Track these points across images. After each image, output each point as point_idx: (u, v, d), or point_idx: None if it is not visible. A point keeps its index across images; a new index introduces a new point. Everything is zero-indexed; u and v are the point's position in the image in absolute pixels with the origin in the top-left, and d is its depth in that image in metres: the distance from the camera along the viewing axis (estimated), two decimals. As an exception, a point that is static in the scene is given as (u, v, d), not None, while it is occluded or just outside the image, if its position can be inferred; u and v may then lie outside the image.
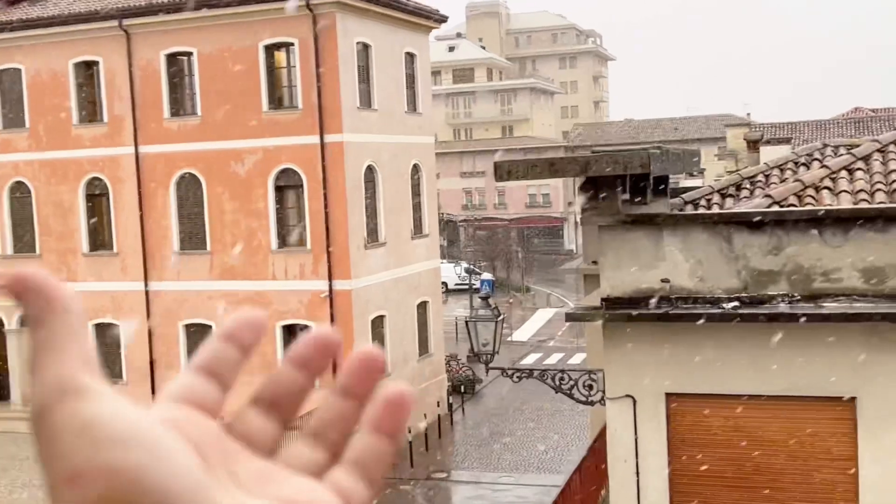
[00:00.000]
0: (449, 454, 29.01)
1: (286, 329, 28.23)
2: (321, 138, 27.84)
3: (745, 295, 9.04)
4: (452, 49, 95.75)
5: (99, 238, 31.22)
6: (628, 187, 9.33)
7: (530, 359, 39.25)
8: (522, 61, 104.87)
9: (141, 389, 28.29)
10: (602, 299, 9.43)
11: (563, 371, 11.75)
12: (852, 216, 9.01)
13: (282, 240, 28.95)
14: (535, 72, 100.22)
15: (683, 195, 13.14)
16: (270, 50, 28.80)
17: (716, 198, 13.31)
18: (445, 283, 43.32)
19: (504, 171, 9.34)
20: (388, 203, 29.97)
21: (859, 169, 12.04)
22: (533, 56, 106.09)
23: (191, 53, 29.49)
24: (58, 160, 31.06)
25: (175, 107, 30.00)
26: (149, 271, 30.14)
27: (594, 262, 10.21)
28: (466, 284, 46.61)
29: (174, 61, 29.86)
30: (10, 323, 30.90)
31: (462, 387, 34.15)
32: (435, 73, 66.55)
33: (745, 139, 31.91)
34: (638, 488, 9.59)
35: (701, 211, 11.83)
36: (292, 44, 28.36)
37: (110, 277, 30.62)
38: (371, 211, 29.26)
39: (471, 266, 52.03)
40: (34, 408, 0.45)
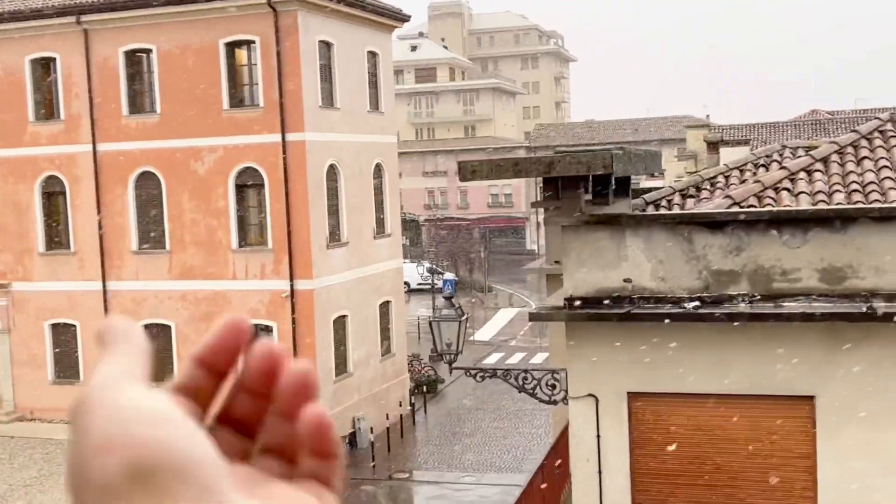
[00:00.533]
0: (411, 454, 28.97)
1: (247, 329, 27.90)
2: (283, 137, 27.64)
3: (706, 295, 9.12)
4: (415, 48, 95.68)
5: (56, 237, 30.72)
6: (591, 188, 9.37)
7: (493, 358, 39.34)
8: (485, 61, 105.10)
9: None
10: (565, 299, 9.46)
11: (526, 370, 11.76)
12: (811, 217, 9.12)
13: (242, 239, 28.71)
14: (498, 72, 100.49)
15: (645, 196, 13.23)
16: (231, 47, 28.54)
17: (676, 198, 13.42)
18: (408, 283, 43.23)
19: (468, 171, 9.33)
20: (351, 202, 29.85)
21: (818, 170, 12.21)
22: (495, 56, 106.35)
23: (150, 50, 29.13)
24: (14, 158, 30.52)
25: (134, 104, 29.62)
26: (107, 271, 29.71)
27: (557, 262, 10.24)
28: (429, 284, 46.61)
29: (133, 58, 29.48)
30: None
31: (424, 387, 34.12)
32: (397, 73, 66.49)
33: (705, 140, 32.27)
34: (600, 487, 9.63)
35: (662, 211, 11.91)
36: (253, 41, 28.13)
37: (67, 277, 30.15)
38: (333, 210, 29.11)
39: (433, 266, 52.02)
40: (77, 401, 0.49)
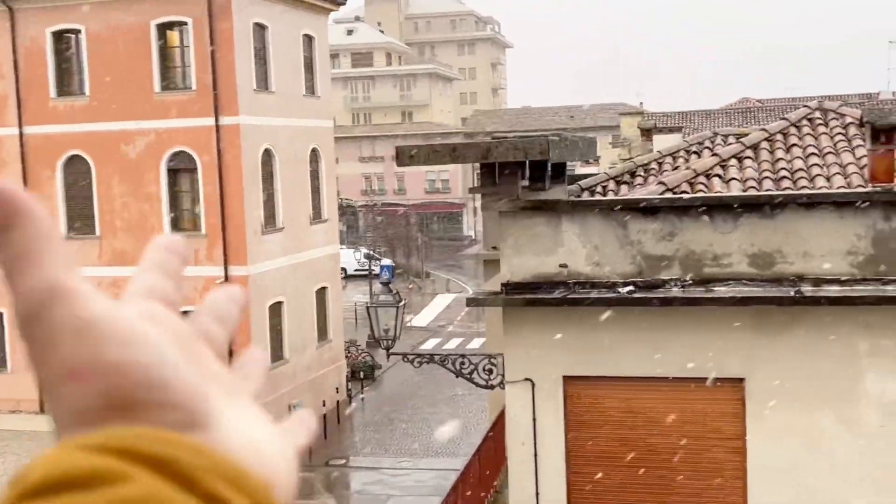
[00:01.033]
0: (348, 440, 28.92)
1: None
2: (216, 120, 27.20)
3: (640, 279, 9.26)
4: (351, 32, 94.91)
5: (-21, 222, 29.78)
6: (527, 174, 9.42)
7: (430, 344, 39.43)
8: (421, 47, 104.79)
9: (27, 378, 27.19)
10: (502, 284, 9.50)
11: (464, 356, 11.81)
12: (741, 203, 9.31)
13: (175, 224, 28.20)
14: (435, 57, 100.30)
15: (580, 182, 13.35)
16: (163, 29, 27.95)
17: (611, 185, 13.58)
18: (345, 269, 43.03)
19: (406, 157, 9.30)
20: (286, 187, 29.54)
21: (748, 157, 12.46)
22: (432, 42, 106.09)
23: (79, 31, 28.36)
24: (-66, 140, 29.51)
25: (62, 86, 28.83)
26: (34, 257, 28.90)
27: (494, 248, 10.28)
28: (366, 270, 46.42)
29: (61, 39, 28.67)
30: None
31: (362, 373, 34.05)
32: (333, 57, 65.78)
33: (639, 128, 32.67)
34: (536, 469, 9.73)
35: (598, 197, 12.04)
36: (186, 23, 27.58)
37: (-8, 263, 29.26)
38: (268, 195, 28.78)
39: (370, 252, 51.83)
40: (23, 312, 0.45)
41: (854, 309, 8.78)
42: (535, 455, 9.71)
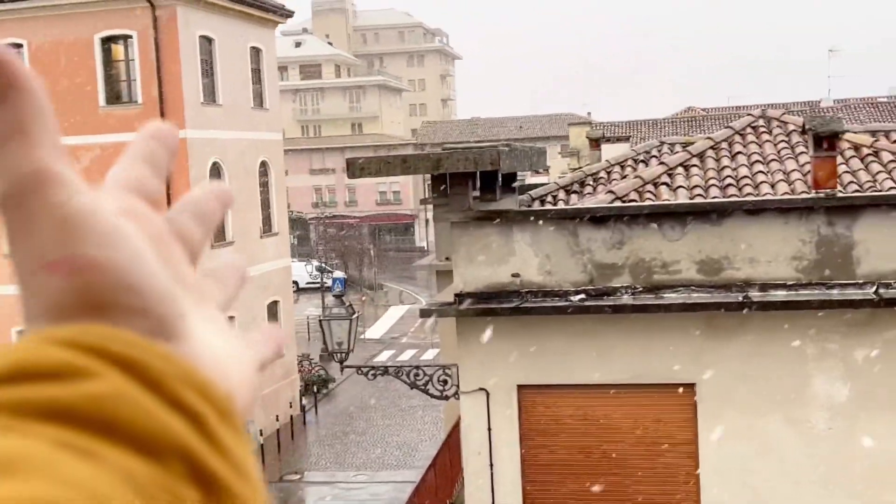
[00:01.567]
0: (302, 455, 28.66)
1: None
2: (163, 134, 26.87)
3: (591, 288, 9.34)
4: (299, 45, 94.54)
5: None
6: (478, 184, 9.46)
7: (384, 356, 39.29)
8: (370, 58, 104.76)
9: None
10: (455, 295, 9.52)
11: (418, 367, 11.79)
12: (689, 211, 9.45)
13: (123, 240, 27.76)
14: (384, 69, 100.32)
15: (531, 192, 13.44)
16: (107, 42, 27.58)
17: (561, 194, 13.69)
18: (296, 282, 42.72)
19: (357, 169, 9.29)
20: (236, 201, 29.24)
21: (694, 165, 12.66)
22: (380, 53, 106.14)
23: (20, 45, 27.85)
24: None
25: (3, 101, 28.27)
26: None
27: (446, 259, 10.30)
28: (318, 283, 46.14)
29: (1, 52, 28.13)
30: None
31: (315, 386, 33.79)
32: (281, 69, 65.50)
33: (587, 137, 32.95)
34: (492, 479, 9.74)
35: (548, 207, 12.13)
36: (130, 36, 27.25)
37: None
38: (218, 209, 28.48)
39: (322, 264, 51.53)
40: (4, 193, 0.43)
41: (800, 313, 8.95)
42: (491, 465, 9.73)
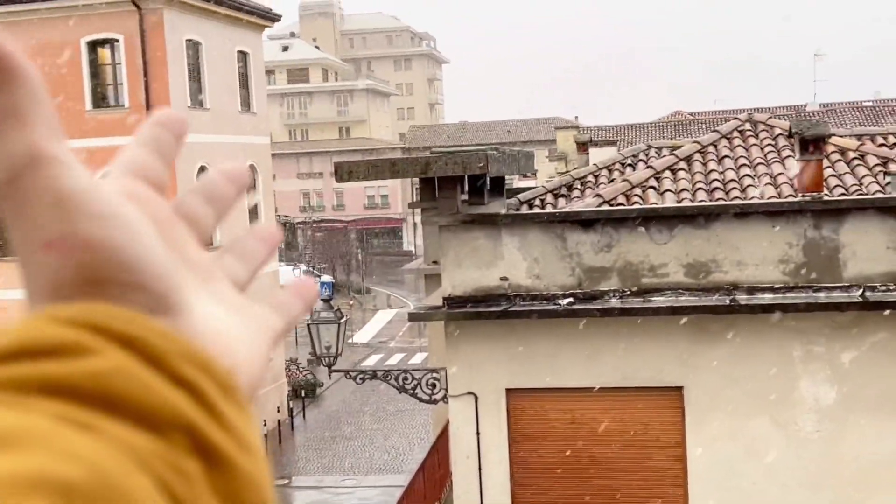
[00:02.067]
0: (290, 460, 28.58)
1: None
2: (151, 139, 26.80)
3: (580, 291, 9.35)
4: (286, 49, 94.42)
5: None
6: (467, 188, 9.46)
7: (372, 360, 39.24)
8: (358, 62, 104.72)
9: None
10: (443, 298, 9.52)
11: (406, 371, 11.78)
12: (676, 214, 9.48)
13: (110, 245, 27.66)
14: (371, 73, 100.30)
15: (519, 195, 13.45)
16: (94, 46, 27.49)
17: (549, 198, 13.71)
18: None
19: (345, 172, 9.28)
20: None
21: (682, 169, 12.70)
22: (368, 57, 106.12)
23: (5, 48, 27.73)
24: None
25: (-12, 105, 28.13)
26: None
27: (435, 262, 10.30)
28: (305, 287, 45.92)
29: (-13, 56, 28.00)
30: None
31: (303, 391, 33.71)
32: (269, 73, 65.46)
33: (575, 141, 33.00)
34: (480, 483, 9.73)
35: (536, 211, 12.14)
36: (117, 40, 27.17)
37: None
38: (205, 214, 28.41)
39: (310, 268, 51.47)
40: (1, 176, 0.43)
41: (787, 316, 8.99)
42: (480, 468, 9.72)
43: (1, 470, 0.33)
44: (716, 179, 12.33)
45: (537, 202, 13.50)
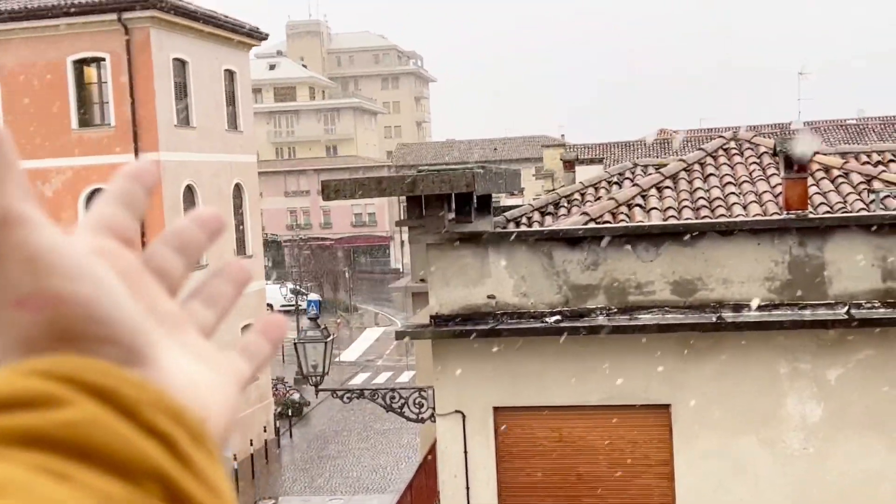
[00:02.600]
0: (277, 479, 28.39)
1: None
2: (136, 157, 26.73)
3: (567, 309, 9.36)
4: (273, 67, 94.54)
5: None
6: (454, 206, 9.48)
7: (359, 378, 39.10)
8: (345, 81, 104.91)
9: None
10: (431, 316, 9.51)
11: (394, 389, 11.75)
12: (662, 232, 9.51)
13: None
14: (358, 91, 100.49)
15: (506, 213, 13.48)
16: (80, 65, 27.45)
17: (536, 216, 13.74)
18: (271, 305, 42.48)
19: (331, 191, 9.27)
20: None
21: (667, 187, 12.76)
22: (355, 76, 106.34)
23: (-9, 67, 27.65)
24: None
25: (-27, 123, 28.03)
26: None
27: (422, 280, 10.29)
28: (293, 305, 45.91)
29: (-28, 75, 27.92)
30: None
31: (290, 410, 33.54)
32: (256, 92, 65.48)
33: (561, 159, 33.14)
34: (468, 502, 9.69)
35: (523, 228, 12.17)
36: (103, 59, 27.15)
37: None
38: (191, 232, 28.31)
39: (297, 287, 51.32)
40: None
41: (773, 333, 9.02)
42: (468, 487, 9.68)
43: None
44: (702, 197, 12.40)
45: (524, 220, 13.53)
